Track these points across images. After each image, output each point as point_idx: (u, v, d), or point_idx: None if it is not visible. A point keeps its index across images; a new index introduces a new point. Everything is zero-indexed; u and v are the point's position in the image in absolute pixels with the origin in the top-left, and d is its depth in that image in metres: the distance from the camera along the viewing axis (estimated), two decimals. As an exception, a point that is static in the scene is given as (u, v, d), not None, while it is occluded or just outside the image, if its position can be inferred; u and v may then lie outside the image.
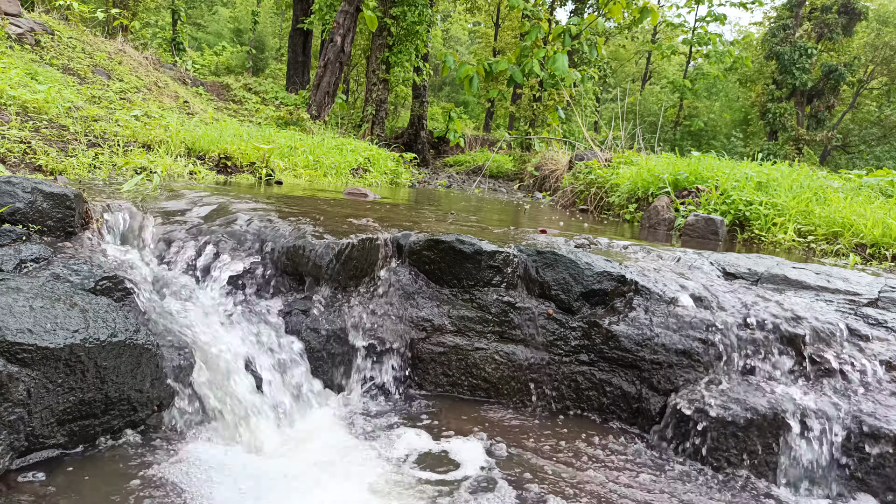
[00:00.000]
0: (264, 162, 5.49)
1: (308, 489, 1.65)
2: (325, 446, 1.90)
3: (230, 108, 11.89)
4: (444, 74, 8.15)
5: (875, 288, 2.49)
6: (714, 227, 4.05)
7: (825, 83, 28.49)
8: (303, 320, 2.24)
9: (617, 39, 33.90)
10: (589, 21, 6.70)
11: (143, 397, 1.76)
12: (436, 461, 1.86)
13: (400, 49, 15.36)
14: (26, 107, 4.46)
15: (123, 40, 10.59)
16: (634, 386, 2.24)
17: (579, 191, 6.82)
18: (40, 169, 3.34)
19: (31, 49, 7.20)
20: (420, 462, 1.84)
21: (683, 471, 1.96)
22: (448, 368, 2.40)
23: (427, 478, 1.75)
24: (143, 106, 6.75)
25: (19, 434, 1.50)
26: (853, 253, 3.62)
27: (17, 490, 1.46)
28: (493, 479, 1.77)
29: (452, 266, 2.48)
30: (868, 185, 5.10)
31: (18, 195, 1.98)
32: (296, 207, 3.06)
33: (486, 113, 31.88)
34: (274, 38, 37.36)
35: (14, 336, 1.49)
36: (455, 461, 1.87)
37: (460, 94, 39.30)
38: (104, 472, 1.59)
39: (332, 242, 2.31)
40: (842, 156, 31.37)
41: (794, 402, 1.94)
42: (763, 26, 33.49)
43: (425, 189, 9.67)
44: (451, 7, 33.03)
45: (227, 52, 35.24)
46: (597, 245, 3.01)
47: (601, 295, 2.39)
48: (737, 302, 2.30)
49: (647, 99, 35.69)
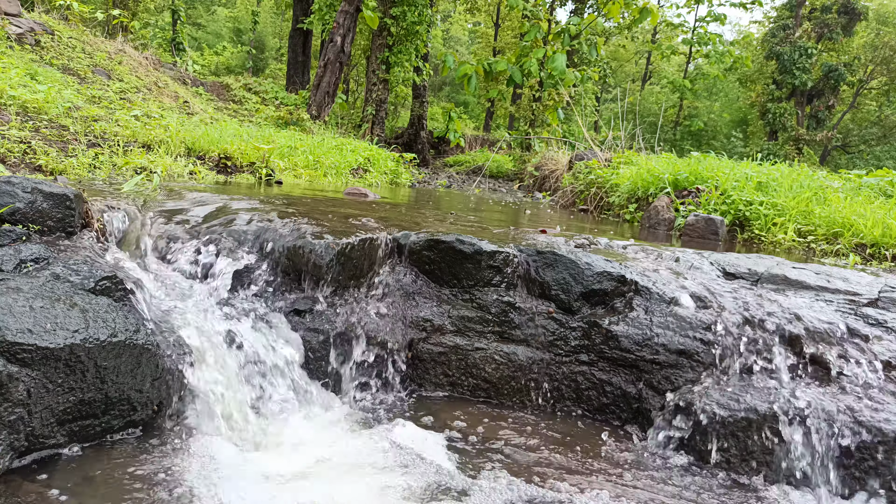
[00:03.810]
0: (264, 162, 5.49)
1: (307, 488, 1.65)
2: (325, 446, 1.90)
3: (230, 108, 11.89)
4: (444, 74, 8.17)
5: (875, 288, 2.49)
6: (714, 227, 4.05)
7: (825, 83, 28.49)
8: (303, 320, 2.24)
9: (617, 39, 33.90)
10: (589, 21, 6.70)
11: (143, 397, 1.76)
12: (435, 461, 1.86)
13: (400, 49, 15.36)
14: (26, 107, 4.46)
15: (123, 40, 10.59)
16: (634, 386, 2.24)
17: (579, 191, 6.82)
18: (40, 169, 3.34)
19: (31, 49, 7.20)
20: (419, 461, 1.84)
21: (683, 470, 1.96)
22: (448, 368, 2.40)
23: (426, 477, 1.75)
24: (143, 106, 6.75)
25: (19, 434, 1.50)
26: (853, 253, 3.62)
27: (17, 490, 1.46)
28: (492, 478, 1.77)
29: (452, 266, 2.48)
30: (868, 185, 5.10)
31: (18, 195, 1.98)
32: (296, 207, 3.06)
33: (486, 113, 31.87)
34: (274, 38, 37.35)
35: (14, 336, 1.49)
36: (455, 461, 1.87)
37: (460, 94, 39.30)
38: (104, 472, 1.58)
39: (332, 242, 2.31)
40: (842, 156, 31.37)
41: (794, 402, 1.94)
42: (763, 26, 33.49)
43: (425, 189, 9.67)
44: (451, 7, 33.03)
45: (227, 52, 35.25)
46: (596, 245, 3.01)
47: (601, 295, 2.39)
48: (737, 302, 2.30)
49: (647, 99, 35.69)
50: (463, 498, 1.66)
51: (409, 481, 1.73)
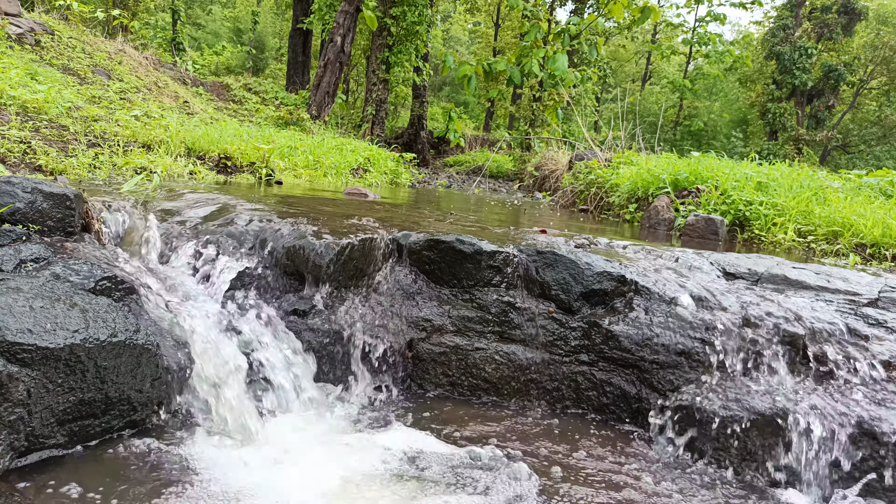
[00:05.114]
0: (264, 162, 5.49)
1: (306, 488, 1.65)
2: (324, 446, 1.90)
3: (230, 108, 11.90)
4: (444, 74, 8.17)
5: (875, 288, 2.49)
6: (714, 227, 4.05)
7: (825, 83, 28.50)
8: (302, 320, 2.24)
9: (617, 39, 33.90)
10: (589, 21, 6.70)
11: (143, 397, 1.76)
12: (434, 461, 1.86)
13: (400, 49, 15.37)
14: (26, 107, 4.46)
15: (123, 40, 10.59)
16: (634, 386, 2.24)
17: (579, 191, 6.82)
18: (40, 169, 3.34)
19: (31, 49, 7.20)
20: (418, 461, 1.84)
21: (683, 470, 1.96)
22: (448, 368, 2.40)
23: (425, 477, 1.75)
24: (143, 106, 6.75)
25: (19, 434, 1.50)
26: (853, 253, 3.62)
27: (17, 490, 1.46)
28: (491, 478, 1.77)
29: (452, 266, 2.48)
30: (868, 185, 5.11)
31: (18, 195, 1.98)
32: (296, 207, 3.06)
33: (486, 113, 31.88)
34: (274, 38, 37.36)
35: (14, 336, 1.49)
36: (454, 461, 1.87)
37: (460, 94, 39.30)
38: (104, 472, 1.58)
39: (332, 242, 2.31)
40: (842, 156, 31.38)
41: (795, 402, 1.94)
42: (763, 26, 33.49)
43: (425, 189, 9.67)
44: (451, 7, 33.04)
45: (227, 52, 35.26)
46: (597, 245, 3.01)
47: (601, 295, 2.39)
48: (737, 302, 2.30)
49: (647, 99, 35.70)
50: (464, 496, 1.66)
51: (410, 481, 1.73)
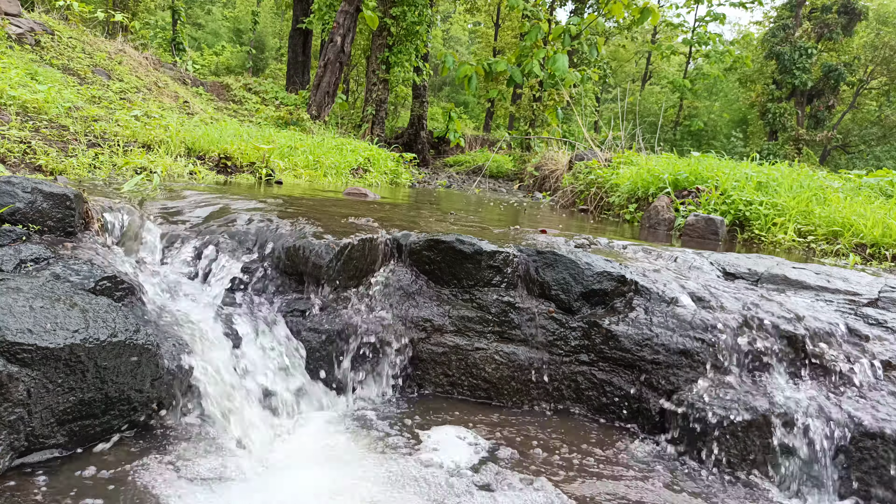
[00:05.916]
0: (264, 162, 5.49)
1: (305, 488, 1.65)
2: (324, 446, 1.90)
3: (230, 108, 11.90)
4: (444, 74, 8.16)
5: (875, 288, 2.49)
6: (714, 227, 4.05)
7: (825, 83, 28.51)
8: (302, 320, 2.24)
9: (617, 39, 33.90)
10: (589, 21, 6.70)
11: (143, 397, 1.76)
12: (434, 460, 1.86)
13: (400, 49, 15.37)
14: (26, 107, 4.46)
15: (123, 40, 10.59)
16: (634, 386, 2.24)
17: (579, 191, 6.82)
18: (40, 169, 3.34)
19: (31, 49, 7.20)
20: (417, 461, 1.84)
21: (683, 470, 1.96)
22: (448, 368, 2.40)
23: (424, 477, 1.75)
24: (143, 106, 6.75)
25: (19, 434, 1.50)
26: (853, 253, 3.62)
27: (17, 490, 1.46)
28: (491, 478, 1.77)
29: (452, 266, 2.48)
30: (868, 185, 5.11)
31: (18, 195, 1.98)
32: (296, 207, 3.06)
33: (486, 113, 31.88)
34: (274, 38, 37.37)
35: (14, 336, 1.49)
36: (454, 460, 1.87)
37: (460, 94, 39.31)
38: (105, 471, 1.58)
39: (332, 242, 2.31)
40: (842, 156, 31.38)
41: (795, 402, 1.94)
42: (763, 26, 33.50)
43: (425, 189, 9.67)
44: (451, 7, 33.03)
45: (226, 52, 35.27)
46: (597, 245, 3.01)
47: (601, 295, 2.39)
48: (737, 302, 2.30)
49: (647, 99, 35.71)
50: (464, 498, 1.66)
51: (404, 481, 1.73)
